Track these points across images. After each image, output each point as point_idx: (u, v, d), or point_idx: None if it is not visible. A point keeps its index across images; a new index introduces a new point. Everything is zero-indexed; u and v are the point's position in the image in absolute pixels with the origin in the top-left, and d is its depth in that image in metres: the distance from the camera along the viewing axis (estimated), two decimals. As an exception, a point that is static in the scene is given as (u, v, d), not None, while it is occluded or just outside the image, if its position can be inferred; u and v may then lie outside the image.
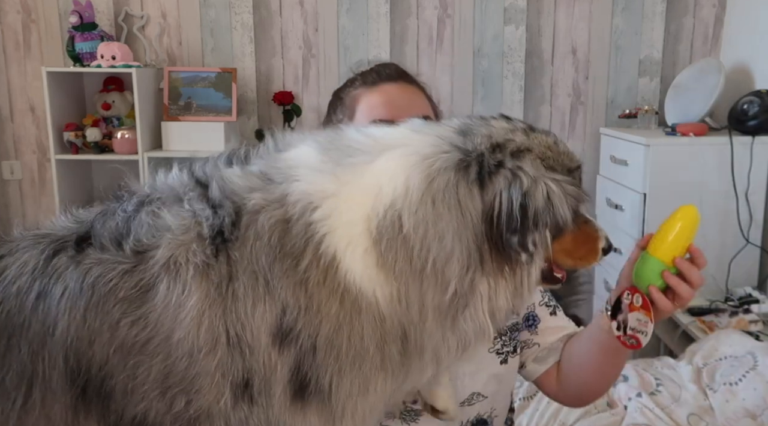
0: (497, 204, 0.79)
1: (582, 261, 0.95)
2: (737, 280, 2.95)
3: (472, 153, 0.81)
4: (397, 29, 3.45)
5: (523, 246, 0.80)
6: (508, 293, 0.83)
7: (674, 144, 2.92)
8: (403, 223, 0.78)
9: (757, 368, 1.97)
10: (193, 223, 0.80)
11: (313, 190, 0.80)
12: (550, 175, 0.83)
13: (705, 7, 3.44)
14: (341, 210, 0.79)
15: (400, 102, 1.21)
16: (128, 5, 3.40)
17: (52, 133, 3.18)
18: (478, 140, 0.83)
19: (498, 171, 0.80)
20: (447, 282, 0.79)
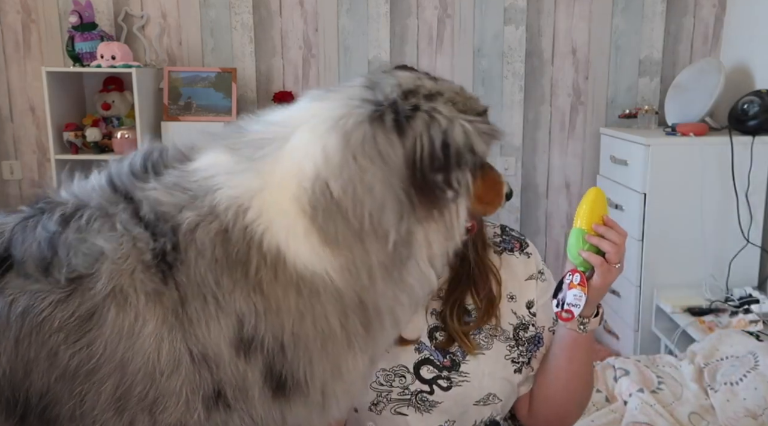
0: (419, 146, 0.79)
1: (489, 206, 1.00)
2: (737, 280, 2.95)
3: (384, 102, 0.81)
4: (397, 29, 3.45)
5: (448, 183, 0.80)
6: (441, 237, 0.84)
7: (674, 144, 2.93)
8: (332, 188, 0.78)
9: (758, 368, 1.97)
10: (132, 249, 0.77)
11: (239, 193, 0.79)
12: (462, 115, 0.84)
13: (705, 7, 3.44)
14: (271, 203, 0.79)
15: None
16: (128, 5, 3.40)
17: (52, 133, 3.18)
18: (388, 90, 0.83)
19: (414, 114, 0.80)
20: (386, 233, 0.79)
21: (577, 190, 3.61)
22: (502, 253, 1.32)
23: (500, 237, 1.34)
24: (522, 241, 1.35)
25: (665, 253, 2.95)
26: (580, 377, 1.27)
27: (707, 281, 2.93)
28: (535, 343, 1.29)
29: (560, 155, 3.59)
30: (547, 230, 3.66)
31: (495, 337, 1.25)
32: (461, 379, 1.22)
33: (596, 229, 1.16)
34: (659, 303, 2.95)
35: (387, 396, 1.23)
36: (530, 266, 1.32)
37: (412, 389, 1.22)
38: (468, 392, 1.22)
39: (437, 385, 1.22)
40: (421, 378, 1.22)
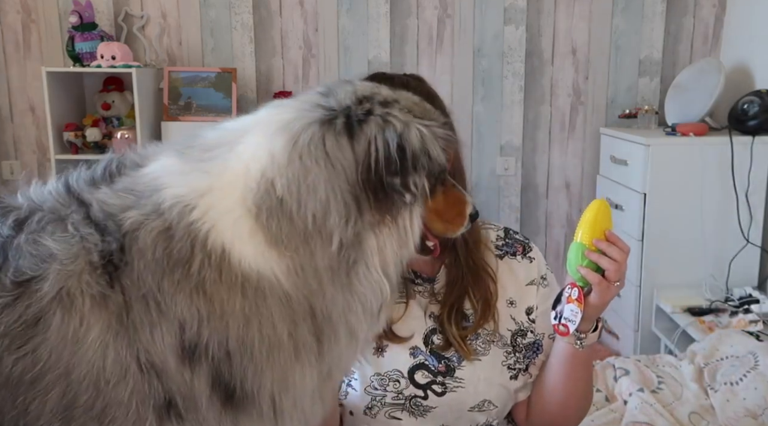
0: (373, 149, 0.78)
1: (451, 225, 0.97)
2: (737, 280, 2.95)
3: (337, 108, 0.81)
4: (397, 29, 3.45)
5: (405, 186, 0.79)
6: (394, 243, 0.83)
7: (674, 144, 2.93)
8: (277, 187, 0.77)
9: (758, 368, 1.97)
10: (81, 250, 0.75)
11: (185, 191, 0.78)
12: (419, 120, 0.83)
13: (705, 7, 3.44)
14: (217, 202, 0.78)
15: None
16: (128, 5, 3.40)
17: (52, 133, 3.17)
18: (342, 96, 0.83)
19: (367, 119, 0.80)
20: (330, 234, 0.78)
21: (577, 190, 3.61)
22: (504, 257, 1.31)
23: (503, 240, 1.33)
24: (525, 245, 1.34)
25: (665, 253, 2.95)
26: (578, 391, 1.26)
27: (707, 281, 2.93)
28: (533, 350, 1.28)
29: (560, 155, 3.59)
30: (547, 230, 3.66)
31: (492, 343, 1.24)
32: (456, 384, 1.21)
33: (597, 245, 1.12)
34: (659, 303, 2.95)
35: (381, 400, 1.22)
36: (532, 271, 1.30)
37: (406, 394, 1.21)
38: (462, 398, 1.22)
39: (431, 390, 1.21)
40: (416, 383, 1.21)
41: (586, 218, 1.15)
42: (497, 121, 3.54)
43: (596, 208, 1.15)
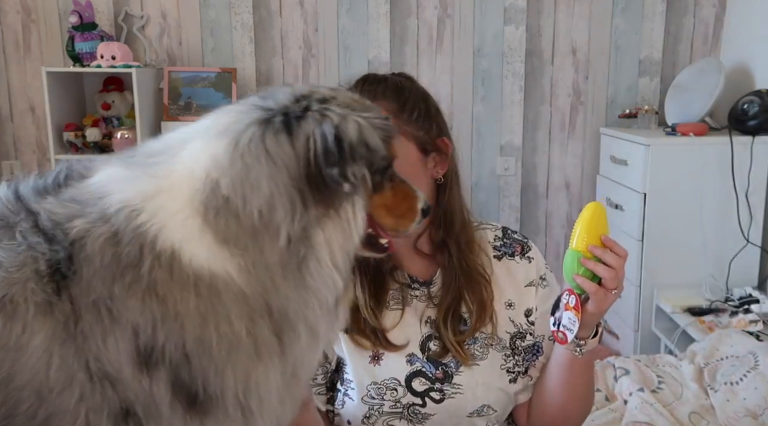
0: (311, 143, 0.79)
1: (402, 219, 0.97)
2: (737, 280, 2.95)
3: (275, 107, 0.82)
4: (397, 29, 3.45)
5: (344, 176, 0.79)
6: (339, 236, 0.83)
7: (674, 144, 2.93)
8: (221, 187, 0.77)
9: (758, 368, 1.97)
10: (28, 258, 0.74)
11: (132, 196, 0.78)
12: (360, 113, 0.84)
13: (705, 7, 3.44)
14: (165, 204, 0.77)
15: None
16: (128, 5, 3.40)
17: (51, 133, 3.17)
18: (280, 97, 0.84)
19: (305, 115, 0.81)
20: (277, 229, 0.78)
21: (577, 190, 3.61)
22: (502, 257, 1.29)
23: (501, 241, 1.31)
24: (524, 244, 1.32)
25: (665, 253, 2.95)
26: (578, 394, 1.25)
27: (707, 281, 2.93)
28: (533, 353, 1.27)
29: (560, 155, 3.59)
30: (547, 230, 3.66)
31: (491, 347, 1.23)
32: (454, 391, 1.20)
33: (593, 251, 1.08)
34: (659, 303, 2.95)
35: (379, 409, 1.21)
36: (531, 272, 1.29)
37: (403, 402, 1.20)
38: (461, 404, 1.20)
39: (429, 397, 1.20)
40: (413, 390, 1.20)
41: (581, 222, 1.11)
42: (497, 121, 3.54)
43: (591, 211, 1.11)
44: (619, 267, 1.08)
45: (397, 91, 1.19)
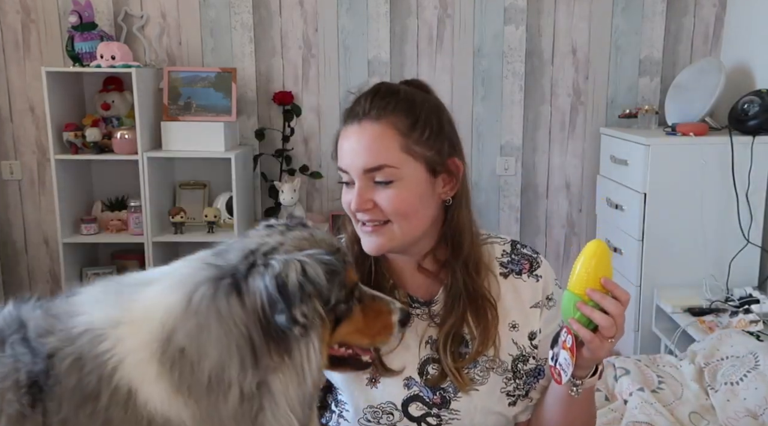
0: (258, 298, 0.82)
1: (378, 336, 0.99)
2: (737, 280, 2.95)
3: (225, 267, 0.86)
4: (397, 29, 3.45)
5: (292, 320, 0.82)
6: (294, 381, 0.85)
7: (674, 144, 2.92)
8: (178, 340, 0.80)
9: (758, 368, 1.97)
10: (12, 369, 0.78)
11: (97, 320, 0.81)
12: (302, 253, 0.87)
13: (705, 6, 3.44)
14: (126, 337, 0.80)
15: (354, 150, 1.12)
16: (128, 5, 3.40)
17: (51, 133, 3.17)
18: (231, 255, 0.88)
19: (251, 271, 0.84)
20: (229, 386, 0.81)
21: (577, 190, 3.61)
22: (509, 275, 1.24)
23: (509, 257, 1.25)
24: (533, 260, 1.26)
25: (665, 253, 2.95)
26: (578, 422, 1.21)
27: (707, 281, 2.93)
28: (534, 376, 1.23)
29: (560, 155, 3.59)
30: (547, 230, 3.66)
31: (492, 370, 1.19)
32: (451, 417, 1.17)
33: (591, 296, 1.01)
34: (659, 303, 2.95)
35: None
36: (537, 292, 1.23)
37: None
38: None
39: (426, 422, 1.18)
40: (410, 415, 1.17)
41: (582, 261, 1.03)
42: (497, 121, 3.54)
43: (593, 249, 1.03)
44: (618, 314, 1.01)
45: (409, 107, 1.14)
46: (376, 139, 1.11)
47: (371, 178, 1.11)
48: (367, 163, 1.10)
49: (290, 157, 3.52)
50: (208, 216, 3.30)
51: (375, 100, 1.13)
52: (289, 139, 3.49)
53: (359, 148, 1.11)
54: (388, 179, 1.11)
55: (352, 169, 1.12)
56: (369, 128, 1.12)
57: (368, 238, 1.15)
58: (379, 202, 1.11)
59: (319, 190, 3.60)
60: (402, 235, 1.14)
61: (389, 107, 1.12)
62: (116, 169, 3.46)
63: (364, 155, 1.11)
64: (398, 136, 1.11)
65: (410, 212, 1.13)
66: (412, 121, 1.13)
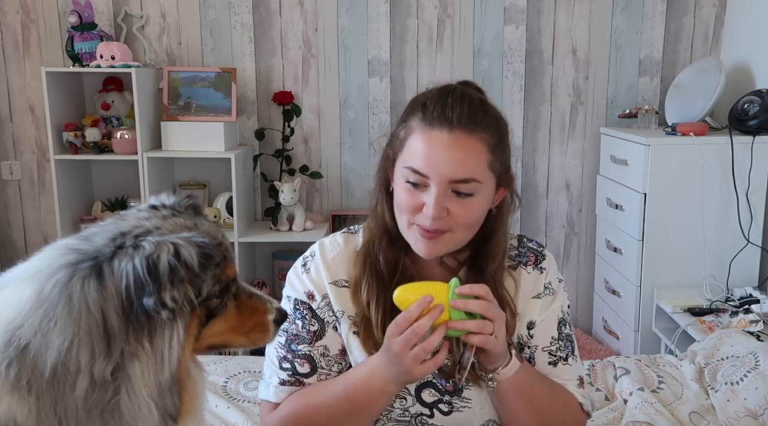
0: (123, 278, 0.78)
1: (254, 334, 0.96)
2: (737, 280, 2.95)
3: (88, 251, 0.81)
4: (397, 29, 3.45)
5: (161, 304, 0.79)
6: (153, 368, 0.82)
7: (674, 144, 2.92)
8: (22, 336, 0.77)
9: (758, 368, 1.97)
10: None
11: None
12: (176, 235, 0.83)
13: (705, 6, 3.44)
14: None
15: (443, 158, 1.10)
16: (128, 5, 3.40)
17: (51, 133, 3.17)
18: (98, 239, 0.83)
19: (116, 254, 0.80)
20: (76, 375, 0.78)
21: (577, 190, 3.61)
22: (516, 267, 1.27)
23: (516, 250, 1.29)
24: (539, 254, 1.29)
25: (665, 253, 2.95)
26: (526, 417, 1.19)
27: (707, 281, 2.93)
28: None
29: (560, 155, 3.59)
30: (547, 230, 3.66)
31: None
32: (462, 404, 1.20)
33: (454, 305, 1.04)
34: (659, 303, 2.94)
35: (387, 415, 1.21)
36: (539, 284, 1.26)
37: (412, 411, 1.20)
38: (468, 418, 1.20)
39: (438, 409, 1.20)
40: (422, 401, 1.20)
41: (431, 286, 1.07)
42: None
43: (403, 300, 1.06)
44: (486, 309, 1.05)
45: (496, 124, 1.16)
46: (469, 153, 1.11)
47: (453, 188, 1.12)
48: (457, 175, 1.10)
49: (290, 157, 3.52)
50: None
51: (469, 111, 1.12)
52: (289, 139, 3.49)
53: (449, 157, 1.10)
54: (471, 192, 1.12)
55: (437, 176, 1.10)
56: (462, 139, 1.11)
57: (424, 242, 1.15)
58: (454, 212, 1.12)
59: (319, 190, 3.60)
60: (456, 243, 1.17)
61: (483, 122, 1.13)
62: (116, 169, 3.46)
63: (454, 166, 1.10)
64: (487, 153, 1.13)
65: (475, 224, 1.16)
66: (498, 139, 1.15)
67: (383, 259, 1.20)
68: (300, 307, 1.25)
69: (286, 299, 1.27)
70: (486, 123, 1.14)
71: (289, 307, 1.26)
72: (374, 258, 1.21)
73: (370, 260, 1.21)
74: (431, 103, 1.14)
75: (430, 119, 1.12)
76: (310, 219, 3.45)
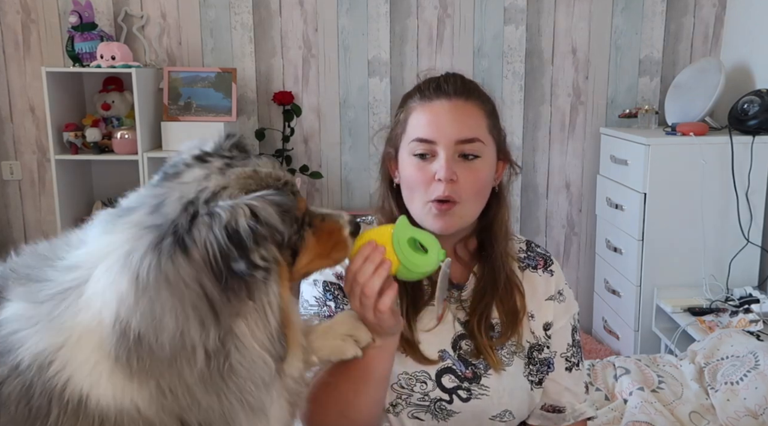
0: (209, 249, 0.78)
1: (335, 254, 0.98)
2: (737, 280, 2.95)
3: (164, 225, 0.81)
4: (397, 29, 3.45)
5: (253, 266, 0.80)
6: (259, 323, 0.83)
7: (674, 144, 2.92)
8: (133, 326, 0.78)
9: (758, 368, 1.97)
10: None
11: (42, 348, 0.79)
12: (249, 196, 0.83)
13: (705, 6, 3.44)
14: (73, 355, 0.79)
15: (447, 122, 1.18)
16: (128, 5, 3.40)
17: (51, 134, 3.17)
18: (168, 209, 0.83)
19: (194, 223, 0.80)
20: (193, 350, 0.79)
21: (577, 190, 3.61)
22: (525, 269, 1.32)
23: (525, 253, 1.34)
24: (547, 259, 1.34)
25: (665, 253, 2.95)
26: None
27: (707, 281, 2.93)
28: (547, 366, 1.30)
29: (560, 155, 3.59)
30: (547, 230, 3.66)
31: (515, 355, 1.25)
32: (481, 392, 1.22)
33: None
34: (659, 303, 2.95)
35: (407, 399, 1.23)
36: (551, 286, 1.31)
37: (432, 396, 1.22)
38: (486, 406, 1.22)
39: (457, 395, 1.22)
40: (442, 386, 1.22)
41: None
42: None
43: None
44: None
45: (487, 95, 1.26)
46: (469, 115, 1.20)
47: (459, 151, 1.18)
48: (462, 134, 1.17)
49: (290, 157, 3.52)
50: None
51: (462, 82, 1.23)
52: (289, 139, 3.49)
53: (452, 120, 1.18)
54: (476, 153, 1.18)
55: (443, 138, 1.17)
56: (461, 104, 1.20)
57: (438, 218, 1.19)
58: (462, 177, 1.17)
59: (319, 190, 3.60)
60: (466, 216, 1.21)
61: (476, 91, 1.23)
62: (116, 169, 3.46)
63: (458, 127, 1.18)
64: (485, 117, 1.22)
65: (481, 192, 1.22)
66: (491, 107, 1.25)
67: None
68: (330, 287, 1.26)
69: (312, 284, 1.28)
70: (479, 92, 1.24)
71: (319, 290, 1.26)
72: None
73: None
74: (425, 85, 1.24)
75: (428, 94, 1.22)
76: (311, 219, 3.45)
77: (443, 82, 1.22)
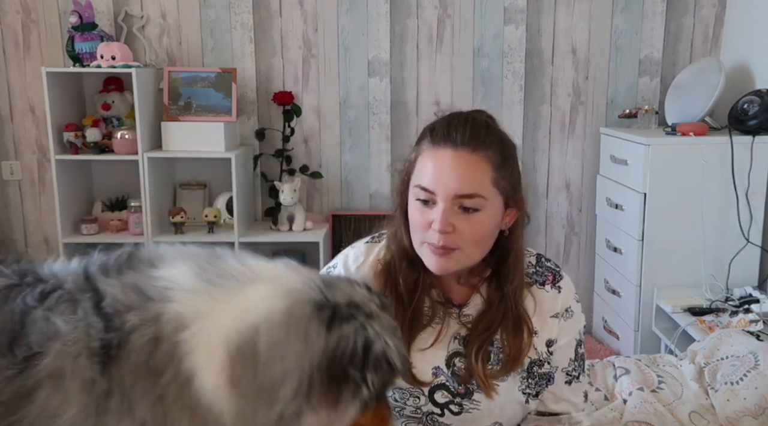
0: (343, 343, 0.86)
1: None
2: (737, 280, 2.95)
3: (330, 301, 0.89)
4: (397, 29, 3.45)
5: (363, 379, 0.87)
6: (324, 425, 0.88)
7: (674, 144, 2.92)
8: (259, 341, 0.83)
9: (758, 368, 1.97)
10: (83, 334, 0.81)
11: (186, 310, 0.83)
12: (391, 335, 0.91)
13: (705, 6, 3.44)
14: (208, 329, 0.83)
15: (448, 174, 1.17)
16: (128, 5, 3.40)
17: (51, 134, 3.17)
18: (338, 294, 0.91)
19: (348, 321, 0.88)
20: (275, 402, 0.83)
21: (577, 190, 3.61)
22: (533, 285, 1.31)
23: (534, 268, 1.33)
24: (556, 274, 1.33)
25: (665, 253, 2.95)
26: None
27: (707, 281, 2.93)
28: (546, 380, 1.30)
29: (560, 155, 3.59)
30: (547, 230, 3.66)
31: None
32: (472, 406, 1.24)
33: None
34: (659, 303, 2.95)
35: (400, 412, 1.26)
36: (557, 303, 1.31)
37: (424, 410, 1.25)
38: (476, 419, 1.25)
39: (448, 409, 1.25)
40: (435, 401, 1.25)
41: None
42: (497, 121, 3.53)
43: None
44: None
45: (500, 143, 1.24)
46: (472, 169, 1.18)
47: (458, 204, 1.17)
48: (461, 190, 1.16)
49: (290, 157, 3.52)
50: (208, 216, 3.31)
51: (472, 130, 1.21)
52: (289, 139, 3.49)
53: (454, 173, 1.17)
54: (476, 207, 1.17)
55: (443, 191, 1.17)
56: (466, 157, 1.18)
57: (436, 259, 1.20)
58: (460, 228, 1.17)
59: (319, 190, 3.60)
60: (466, 261, 1.21)
61: (487, 141, 1.21)
62: (116, 169, 3.46)
63: (458, 181, 1.17)
64: (491, 170, 1.19)
65: (482, 241, 1.21)
66: (503, 158, 1.22)
67: (402, 280, 1.26)
68: None
69: None
70: (489, 142, 1.21)
71: None
72: (394, 279, 1.27)
73: (390, 281, 1.27)
74: (438, 126, 1.22)
75: (437, 140, 1.20)
76: (311, 219, 3.46)
77: (453, 128, 1.20)
